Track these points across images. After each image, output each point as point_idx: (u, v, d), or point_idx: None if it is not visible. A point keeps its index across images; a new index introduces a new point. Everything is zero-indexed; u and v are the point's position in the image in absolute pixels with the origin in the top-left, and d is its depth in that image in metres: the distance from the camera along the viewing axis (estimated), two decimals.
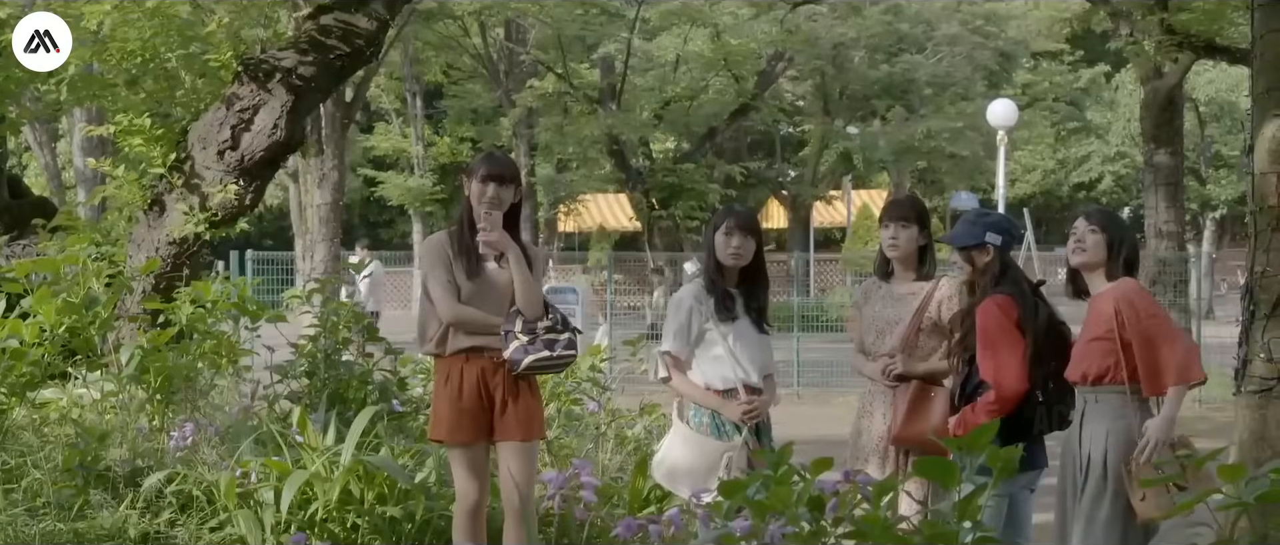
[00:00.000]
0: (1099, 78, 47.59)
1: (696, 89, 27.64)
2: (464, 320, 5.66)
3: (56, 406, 7.53)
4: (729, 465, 5.91)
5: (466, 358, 5.68)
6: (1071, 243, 5.61)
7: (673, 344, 6.08)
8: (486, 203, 5.69)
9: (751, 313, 6.12)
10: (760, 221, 6.47)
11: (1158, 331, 5.29)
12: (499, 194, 5.73)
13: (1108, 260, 5.47)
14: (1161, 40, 17.90)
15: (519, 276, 5.66)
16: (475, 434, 5.69)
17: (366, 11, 9.43)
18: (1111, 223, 5.56)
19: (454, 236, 5.79)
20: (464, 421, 5.67)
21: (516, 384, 5.70)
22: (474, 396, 5.66)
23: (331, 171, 23.24)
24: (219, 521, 6.38)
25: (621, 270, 26.53)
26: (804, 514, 3.06)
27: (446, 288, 5.67)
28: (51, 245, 8.88)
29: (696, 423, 6.07)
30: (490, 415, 5.70)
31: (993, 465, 2.99)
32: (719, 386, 6.05)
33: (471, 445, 5.70)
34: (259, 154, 9.14)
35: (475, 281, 5.68)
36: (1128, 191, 48.64)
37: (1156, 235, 19.65)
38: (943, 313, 6.01)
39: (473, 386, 5.67)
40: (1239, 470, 3.01)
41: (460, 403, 5.66)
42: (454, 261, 5.70)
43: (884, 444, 6.06)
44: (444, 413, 5.72)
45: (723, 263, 6.07)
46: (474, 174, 5.79)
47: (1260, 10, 6.67)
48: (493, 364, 5.66)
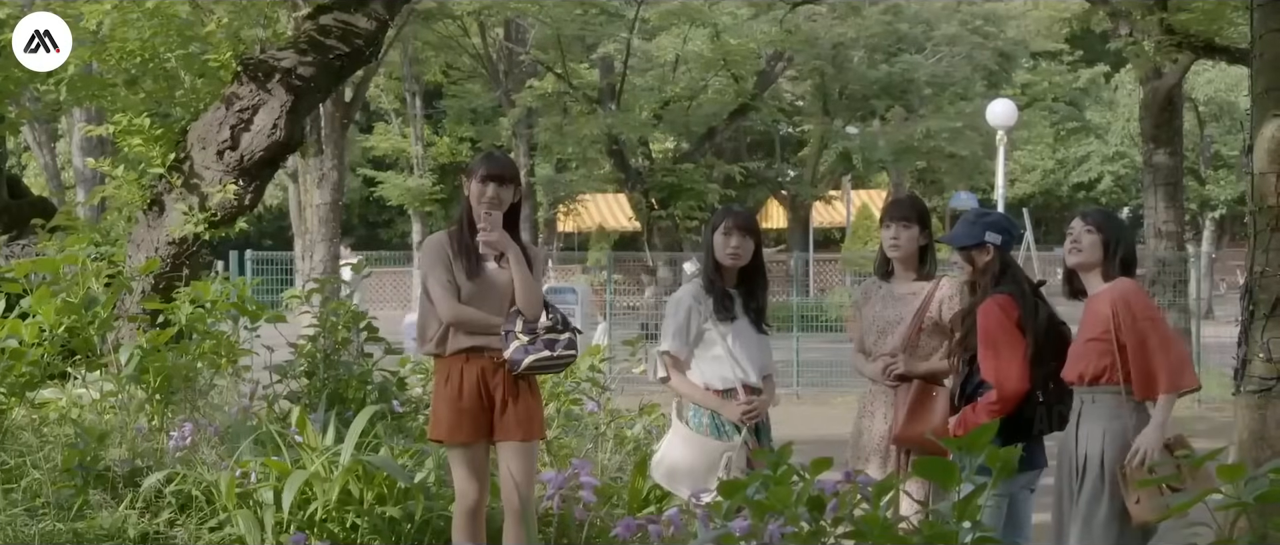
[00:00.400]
0: (1098, 78, 47.58)
1: (696, 89, 27.64)
2: (464, 320, 5.66)
3: (56, 406, 7.53)
4: (728, 465, 5.91)
5: (466, 358, 5.68)
6: (1068, 243, 5.61)
7: (671, 343, 6.08)
8: (486, 203, 5.69)
9: (750, 313, 6.12)
10: (760, 221, 6.47)
11: (1152, 335, 5.28)
12: (499, 194, 5.73)
13: (1104, 260, 5.46)
14: (1161, 40, 17.90)
15: (519, 276, 5.66)
16: (475, 434, 5.69)
17: (366, 11, 9.44)
18: (1108, 223, 5.56)
19: (454, 236, 5.79)
20: (464, 421, 5.67)
21: (516, 384, 5.70)
22: (474, 396, 5.66)
23: (331, 171, 23.22)
24: (218, 522, 6.38)
25: (621, 270, 26.52)
26: (804, 514, 3.06)
27: (446, 288, 5.67)
28: (51, 245, 8.88)
29: (696, 423, 6.07)
30: (490, 415, 5.69)
31: (992, 465, 2.99)
32: (718, 386, 6.06)
33: (471, 445, 5.71)
34: (258, 154, 9.14)
35: (475, 281, 5.68)
36: (1127, 191, 48.64)
37: (1156, 235, 19.64)
38: (943, 313, 6.01)
39: (473, 386, 5.66)
40: (1238, 470, 3.01)
41: (460, 403, 5.66)
42: (454, 261, 5.70)
43: (885, 444, 6.06)
44: (444, 413, 5.71)
45: (721, 263, 6.08)
46: (473, 174, 5.78)
47: (1259, 10, 6.67)
48: (493, 364, 5.66)
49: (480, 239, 5.69)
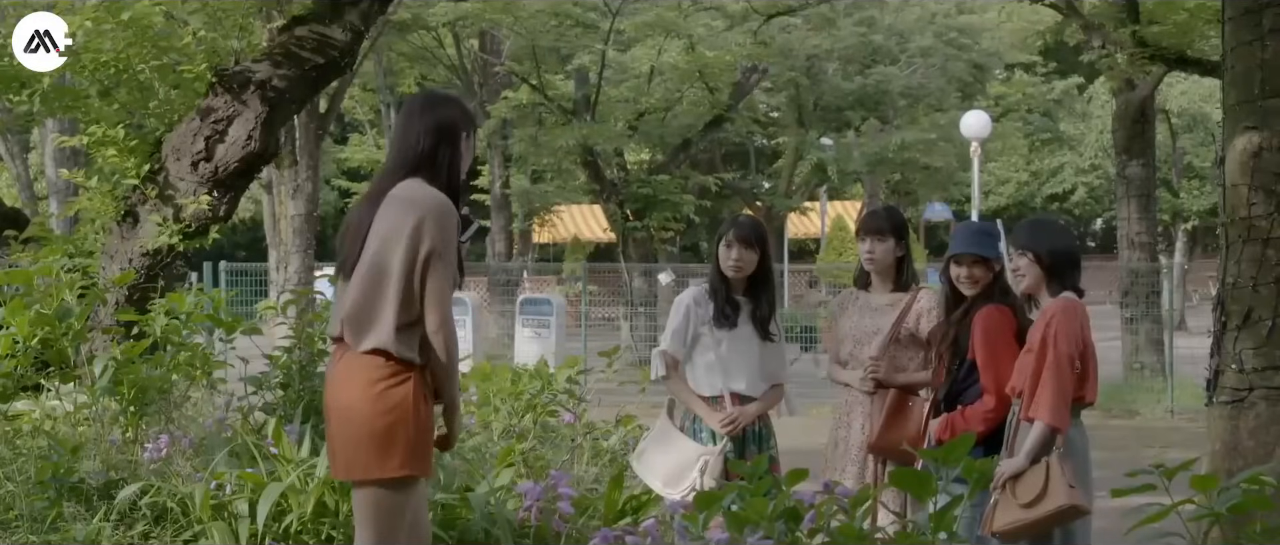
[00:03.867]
0: (1072, 90, 47.75)
1: (671, 100, 27.60)
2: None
3: (29, 418, 7.50)
4: (705, 469, 5.96)
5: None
6: (1010, 273, 5.64)
7: (669, 343, 6.19)
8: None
9: (755, 321, 6.17)
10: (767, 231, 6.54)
11: (1053, 363, 5.23)
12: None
13: (1045, 278, 5.47)
14: (1133, 53, 18.02)
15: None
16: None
17: (341, 23, 9.43)
18: (1033, 238, 5.53)
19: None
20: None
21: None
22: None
23: (305, 183, 23.18)
24: (193, 534, 6.36)
25: (596, 281, 26.50)
26: (780, 527, 3.08)
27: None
28: (24, 256, 8.84)
29: (683, 422, 6.16)
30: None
31: (968, 477, 3.01)
32: (705, 392, 6.12)
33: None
34: (233, 165, 9.12)
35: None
36: (1100, 203, 48.85)
37: (1129, 246, 19.73)
38: (921, 325, 6.05)
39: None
40: (1211, 481, 3.04)
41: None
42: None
43: (862, 453, 6.10)
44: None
45: (724, 274, 6.15)
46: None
47: (1231, 23, 6.72)
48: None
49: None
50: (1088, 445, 5.56)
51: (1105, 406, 16.07)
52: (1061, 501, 5.10)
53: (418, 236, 4.53)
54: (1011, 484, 5.22)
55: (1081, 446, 5.46)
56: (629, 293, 24.81)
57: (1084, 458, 5.46)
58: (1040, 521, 5.17)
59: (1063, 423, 5.21)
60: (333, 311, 4.83)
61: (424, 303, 4.57)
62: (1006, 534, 5.28)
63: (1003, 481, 5.23)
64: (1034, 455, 5.20)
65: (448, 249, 4.57)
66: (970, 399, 5.65)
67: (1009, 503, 5.22)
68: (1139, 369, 19.22)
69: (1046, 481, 5.14)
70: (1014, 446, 5.35)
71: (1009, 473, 5.23)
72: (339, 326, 4.67)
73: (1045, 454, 5.19)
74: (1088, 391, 5.41)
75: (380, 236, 4.61)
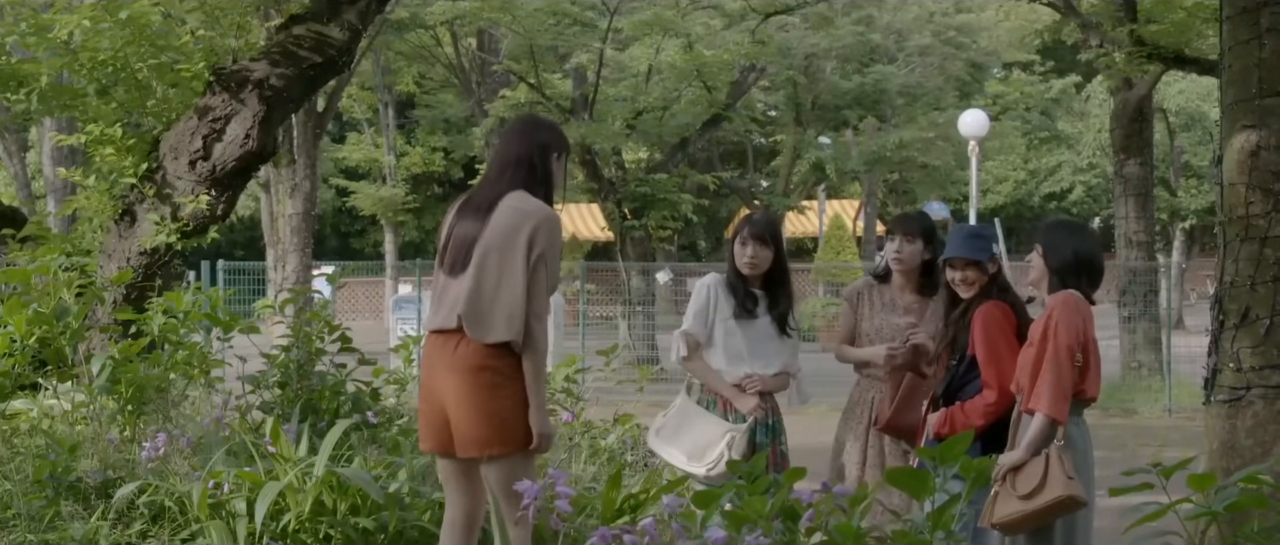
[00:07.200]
0: (1070, 88, 47.77)
1: (669, 99, 27.56)
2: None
3: (27, 417, 7.49)
4: (732, 444, 6.01)
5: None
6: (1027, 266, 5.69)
7: (691, 324, 6.27)
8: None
9: (774, 315, 6.24)
10: (782, 228, 6.67)
11: (1053, 355, 5.24)
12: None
13: (1048, 273, 5.49)
14: (1131, 51, 18.02)
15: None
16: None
17: (339, 22, 9.42)
18: (1047, 237, 5.57)
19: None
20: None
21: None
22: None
23: (303, 181, 23.17)
24: (191, 533, 6.35)
25: (594, 280, 26.51)
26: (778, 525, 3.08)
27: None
28: (22, 255, 8.83)
29: (707, 403, 6.21)
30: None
31: (966, 475, 3.01)
32: (729, 379, 6.20)
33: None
34: (231, 164, 9.12)
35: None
36: (1098, 201, 48.83)
37: (1127, 245, 19.73)
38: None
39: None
40: (1209, 480, 3.04)
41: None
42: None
43: (872, 437, 6.22)
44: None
45: (740, 271, 6.20)
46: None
47: (1228, 22, 6.72)
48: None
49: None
50: (1089, 441, 5.56)
51: (1103, 405, 16.07)
52: (1059, 492, 5.10)
53: (532, 241, 5.09)
54: (1011, 476, 5.23)
55: (1082, 442, 5.46)
56: (627, 292, 24.80)
57: (1085, 452, 5.46)
58: (1039, 513, 5.18)
59: (1062, 414, 5.22)
60: (433, 305, 5.29)
61: (530, 299, 5.10)
62: (1006, 526, 5.29)
63: (1003, 473, 5.24)
64: (1034, 447, 5.21)
65: (553, 254, 5.16)
66: (969, 395, 5.67)
67: (1008, 495, 5.23)
68: (1137, 368, 19.24)
69: (1045, 473, 5.15)
70: (1016, 440, 5.36)
71: (1009, 465, 5.24)
72: (454, 319, 5.13)
73: (1045, 446, 5.20)
74: (1089, 387, 5.41)
75: (497, 238, 5.14)
